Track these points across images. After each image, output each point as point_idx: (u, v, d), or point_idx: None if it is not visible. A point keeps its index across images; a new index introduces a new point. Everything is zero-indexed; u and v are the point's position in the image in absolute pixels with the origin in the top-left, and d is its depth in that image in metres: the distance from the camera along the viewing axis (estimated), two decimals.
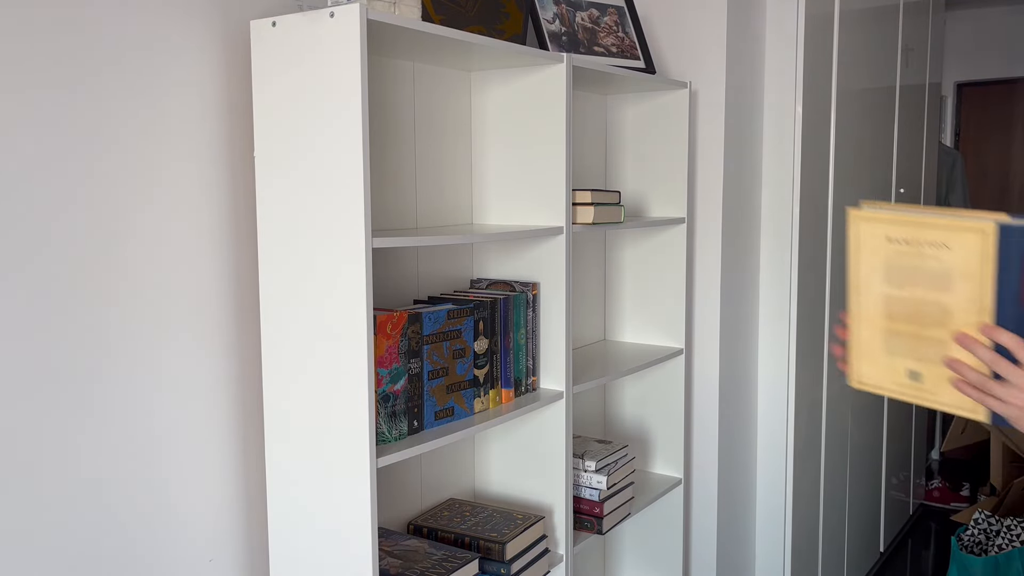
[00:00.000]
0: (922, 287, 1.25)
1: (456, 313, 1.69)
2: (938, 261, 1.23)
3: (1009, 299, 1.16)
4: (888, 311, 1.31)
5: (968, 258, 1.19)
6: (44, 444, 1.35)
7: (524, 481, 2.01)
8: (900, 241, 1.27)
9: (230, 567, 1.63)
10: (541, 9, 2.01)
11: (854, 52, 2.88)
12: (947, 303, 1.23)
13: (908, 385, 1.31)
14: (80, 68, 1.36)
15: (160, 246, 1.48)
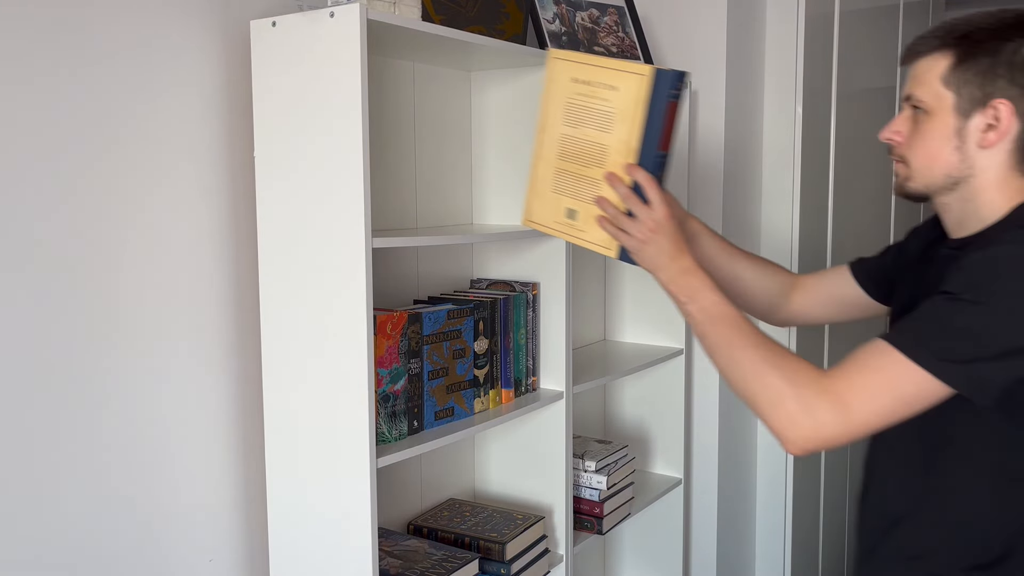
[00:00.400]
0: (591, 127, 1.33)
1: (456, 313, 1.69)
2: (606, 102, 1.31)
3: (652, 141, 1.26)
4: (562, 150, 1.38)
5: (627, 100, 1.28)
6: (44, 444, 1.35)
7: (524, 481, 2.01)
8: (582, 82, 1.34)
9: (230, 567, 1.63)
10: (541, 9, 2.01)
11: (854, 52, 2.88)
12: (606, 143, 1.31)
13: (565, 223, 1.38)
14: (79, 67, 1.36)
15: (160, 246, 1.48)
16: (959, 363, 1.03)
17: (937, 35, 1.19)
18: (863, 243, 3.06)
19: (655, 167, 1.27)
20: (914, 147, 1.21)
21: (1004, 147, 1.16)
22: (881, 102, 3.22)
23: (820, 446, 1.08)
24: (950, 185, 1.20)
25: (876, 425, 1.08)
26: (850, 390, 1.07)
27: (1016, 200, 1.17)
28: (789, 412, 1.08)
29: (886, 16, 3.20)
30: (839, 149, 2.82)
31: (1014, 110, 1.14)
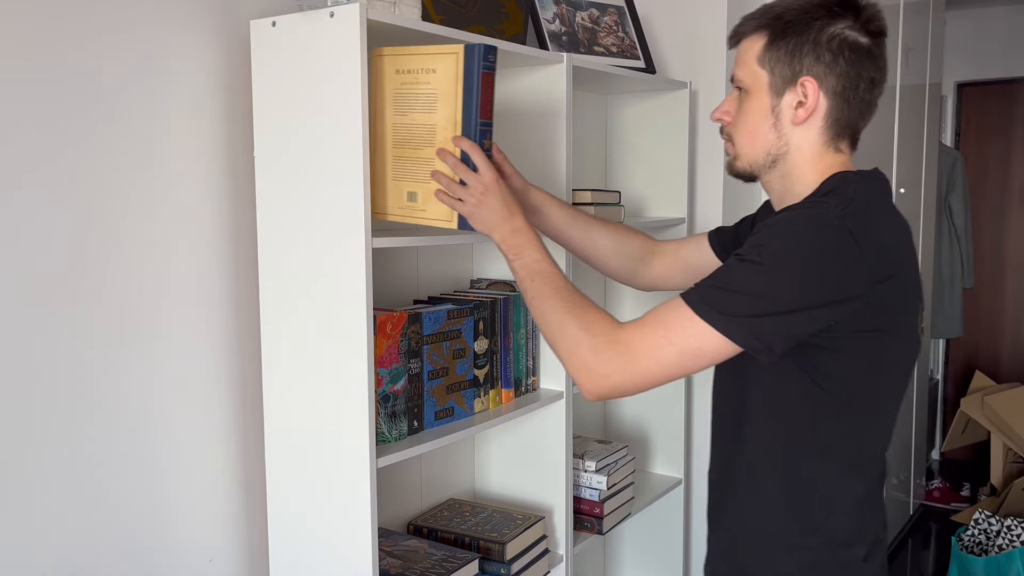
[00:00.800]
0: (418, 112, 1.41)
1: (456, 313, 1.69)
2: (428, 85, 1.41)
3: (473, 112, 1.35)
4: (396, 139, 1.45)
5: (446, 79, 1.38)
6: (43, 444, 1.35)
7: (524, 481, 2.01)
8: (404, 71, 1.43)
9: (230, 567, 1.63)
10: (541, 9, 2.01)
11: None
12: (433, 123, 1.40)
13: (407, 207, 1.45)
14: (79, 67, 1.36)
15: (160, 246, 1.48)
16: (738, 318, 1.08)
17: (755, 16, 1.23)
18: None
19: (480, 136, 1.37)
20: (738, 126, 1.25)
21: (815, 123, 1.20)
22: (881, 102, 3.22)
23: (610, 392, 1.14)
24: (770, 163, 1.24)
25: (662, 375, 1.12)
26: (640, 341, 1.12)
27: (826, 175, 1.21)
28: (584, 360, 1.15)
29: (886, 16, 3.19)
30: None
31: (820, 87, 1.18)
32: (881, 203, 1.20)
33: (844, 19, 1.18)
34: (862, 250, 1.09)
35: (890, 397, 1.23)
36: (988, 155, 4.83)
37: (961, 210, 4.50)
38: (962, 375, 4.90)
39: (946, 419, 4.92)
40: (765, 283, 1.08)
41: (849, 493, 1.21)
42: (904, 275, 1.16)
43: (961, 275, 4.53)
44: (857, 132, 1.25)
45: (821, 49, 1.17)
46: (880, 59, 1.21)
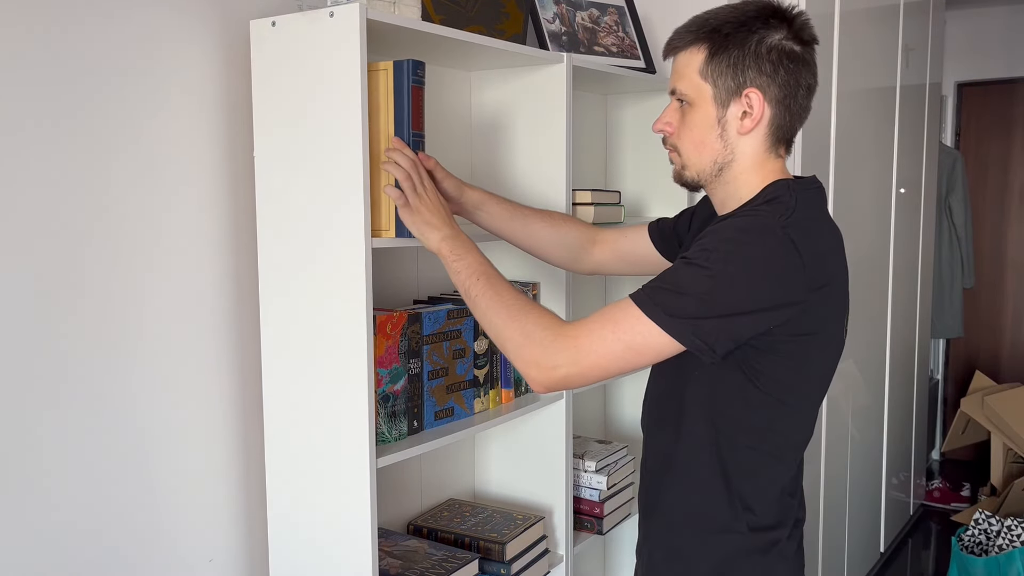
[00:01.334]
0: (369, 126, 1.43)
1: (456, 313, 1.69)
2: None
3: (404, 124, 1.44)
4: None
5: (376, 95, 1.43)
6: (43, 444, 1.35)
7: (524, 481, 2.01)
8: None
9: (230, 567, 1.63)
10: (541, 9, 2.01)
11: (854, 52, 2.88)
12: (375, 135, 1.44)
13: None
14: (79, 67, 1.36)
15: (160, 246, 1.48)
16: (683, 319, 1.13)
17: (691, 30, 1.27)
18: (863, 242, 3.06)
19: (414, 146, 1.43)
20: (683, 137, 1.29)
21: (760, 132, 1.25)
22: (881, 102, 3.22)
23: (558, 384, 1.18)
24: (716, 171, 1.28)
25: (608, 368, 1.17)
26: (588, 335, 1.16)
27: (767, 181, 1.26)
28: (532, 353, 1.19)
29: (886, 16, 3.20)
30: (839, 149, 2.82)
31: (764, 97, 1.23)
32: (818, 213, 1.25)
33: (779, 30, 1.22)
34: (803, 259, 1.14)
35: (816, 393, 1.30)
36: (988, 155, 4.83)
37: (961, 210, 4.50)
38: (962, 375, 4.90)
39: (946, 419, 4.93)
40: (711, 287, 1.13)
41: (776, 481, 1.29)
42: (838, 284, 1.23)
43: (961, 275, 4.53)
44: (793, 136, 1.30)
45: (762, 60, 1.21)
46: (813, 65, 1.26)
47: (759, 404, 1.23)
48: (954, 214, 4.50)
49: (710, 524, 1.29)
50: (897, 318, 3.47)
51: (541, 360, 1.18)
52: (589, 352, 1.16)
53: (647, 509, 1.41)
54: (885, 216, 3.31)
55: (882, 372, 3.39)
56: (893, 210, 3.35)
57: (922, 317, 3.88)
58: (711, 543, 1.29)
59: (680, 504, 1.32)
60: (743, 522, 1.27)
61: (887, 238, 3.33)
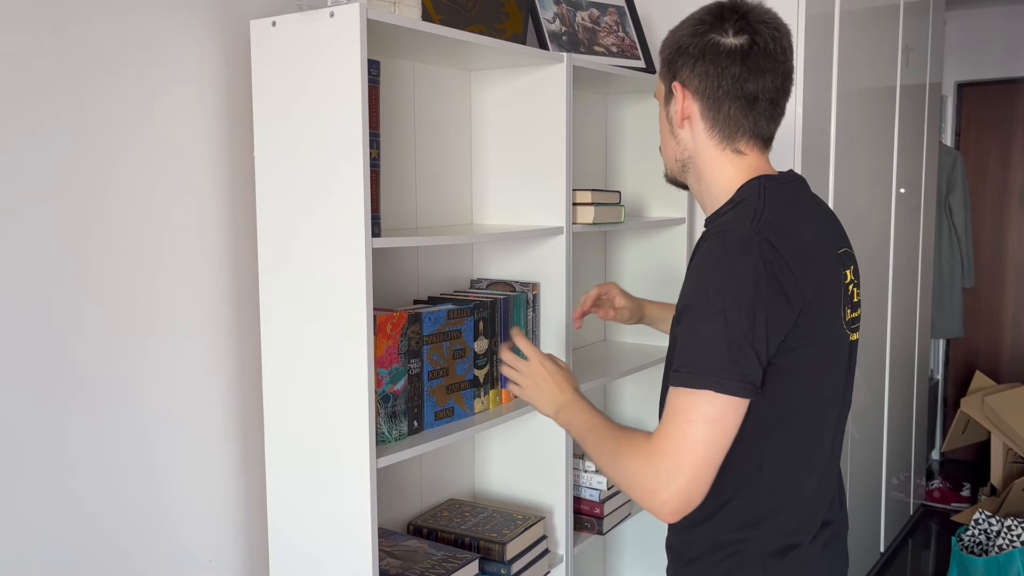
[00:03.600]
0: None
1: (456, 313, 1.69)
2: None
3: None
4: None
5: None
6: (43, 444, 1.35)
7: (524, 481, 2.01)
8: None
9: (230, 567, 1.63)
10: (541, 9, 2.01)
11: (854, 52, 2.88)
12: None
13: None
14: (79, 68, 1.36)
15: (160, 246, 1.48)
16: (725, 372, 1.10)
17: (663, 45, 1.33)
18: (863, 242, 3.06)
19: (368, 145, 1.41)
20: (662, 144, 1.37)
21: (698, 125, 1.27)
22: (881, 102, 3.22)
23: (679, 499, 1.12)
24: (681, 168, 1.33)
25: (706, 455, 1.11)
26: (668, 438, 1.13)
27: (736, 178, 1.26)
28: (643, 488, 1.14)
29: (886, 16, 3.20)
30: (839, 149, 2.82)
31: (685, 88, 1.26)
32: (792, 206, 1.23)
33: (717, 27, 1.24)
34: (785, 259, 1.13)
35: (826, 391, 1.26)
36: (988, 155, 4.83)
37: (961, 210, 4.50)
38: (962, 375, 4.90)
39: (946, 419, 4.92)
40: (718, 324, 1.11)
41: (792, 484, 1.25)
42: (828, 273, 1.21)
43: (961, 275, 4.53)
44: (756, 133, 1.27)
45: (688, 56, 1.25)
46: (751, 57, 1.22)
47: (767, 410, 1.19)
48: (954, 214, 4.49)
49: (723, 526, 1.26)
50: (897, 318, 3.47)
51: (653, 487, 1.13)
52: (679, 452, 1.11)
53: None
54: (885, 216, 3.31)
55: (882, 372, 3.39)
56: (893, 210, 3.35)
57: (922, 317, 3.88)
58: (725, 544, 1.26)
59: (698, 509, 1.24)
60: (757, 525, 1.24)
61: (887, 238, 3.33)
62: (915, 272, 3.72)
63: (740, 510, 1.24)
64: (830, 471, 1.32)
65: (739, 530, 1.25)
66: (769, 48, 1.23)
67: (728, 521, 1.25)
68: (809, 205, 1.28)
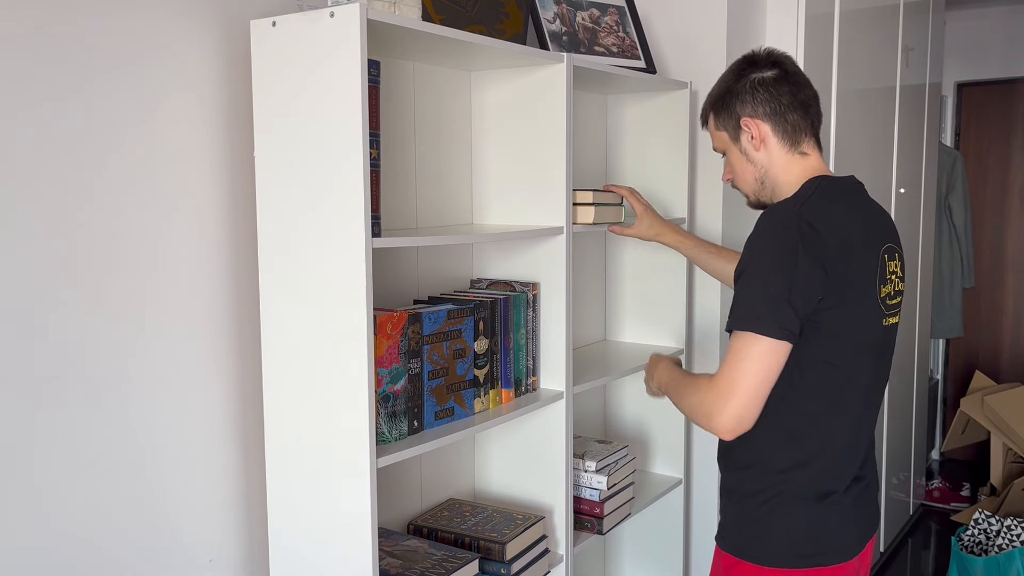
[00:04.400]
0: None
1: (456, 313, 1.69)
2: None
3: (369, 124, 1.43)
4: None
5: None
6: (44, 444, 1.35)
7: (524, 481, 2.01)
8: None
9: (230, 567, 1.63)
10: (541, 9, 2.01)
11: (854, 52, 2.88)
12: None
13: None
14: (80, 68, 1.36)
15: (160, 246, 1.48)
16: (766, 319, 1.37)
17: (705, 101, 1.66)
18: None
19: (369, 145, 1.43)
20: (736, 177, 1.65)
21: (771, 141, 1.56)
22: (881, 102, 3.22)
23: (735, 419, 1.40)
24: (761, 185, 1.61)
25: (755, 386, 1.39)
26: (726, 374, 1.41)
27: (803, 176, 1.55)
28: (705, 412, 1.44)
29: (886, 16, 3.20)
30: (839, 149, 2.82)
31: (754, 118, 1.56)
32: (836, 198, 1.50)
33: (750, 71, 1.57)
34: (818, 232, 1.40)
35: (857, 349, 1.48)
36: (988, 155, 4.83)
37: (961, 210, 4.50)
38: (962, 375, 4.90)
39: (946, 419, 4.92)
40: (762, 282, 1.40)
41: (827, 437, 1.49)
42: (859, 251, 1.45)
43: (961, 275, 4.53)
44: (812, 133, 1.58)
45: (744, 95, 1.57)
46: (789, 77, 1.57)
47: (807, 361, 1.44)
48: (954, 214, 4.49)
49: (769, 469, 1.50)
50: None
51: (711, 411, 1.41)
52: (733, 380, 1.39)
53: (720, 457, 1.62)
54: None
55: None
56: (893, 210, 3.35)
57: (922, 317, 3.89)
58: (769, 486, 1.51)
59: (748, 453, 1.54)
60: (797, 470, 1.49)
61: None
62: (915, 272, 3.72)
63: (783, 456, 1.49)
64: (863, 430, 1.55)
65: (782, 473, 1.49)
66: (798, 70, 1.60)
67: (773, 465, 1.50)
68: (859, 201, 1.54)
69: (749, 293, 1.41)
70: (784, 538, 1.50)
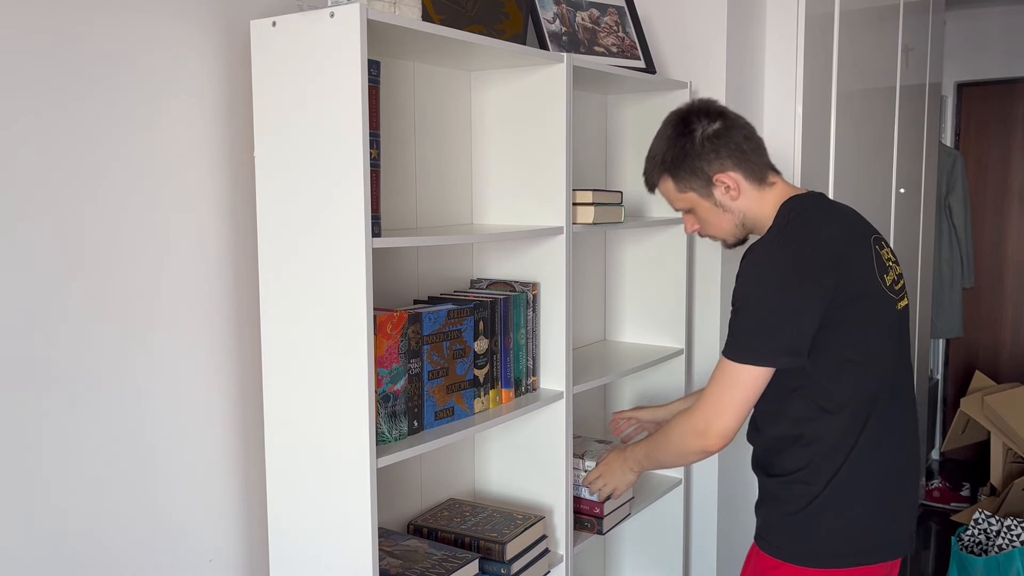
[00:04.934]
0: None
1: (456, 313, 1.69)
2: None
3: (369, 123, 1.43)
4: None
5: None
6: (44, 444, 1.35)
7: (524, 481, 2.01)
8: None
9: (230, 567, 1.63)
10: (541, 9, 2.01)
11: (854, 52, 2.88)
12: None
13: None
14: (80, 68, 1.36)
15: (160, 246, 1.48)
16: (760, 349, 1.48)
17: (649, 171, 1.69)
18: None
19: (369, 144, 1.44)
20: (708, 227, 1.69)
21: (744, 186, 1.61)
22: (881, 102, 3.22)
23: (721, 432, 1.52)
24: (742, 226, 1.65)
25: (741, 408, 1.51)
26: (710, 394, 1.53)
27: (775, 205, 1.60)
28: (692, 434, 1.56)
29: (886, 16, 3.20)
30: (839, 149, 2.82)
31: (725, 170, 1.60)
32: (816, 211, 1.57)
33: (694, 126, 1.61)
34: (808, 249, 1.48)
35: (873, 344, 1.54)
36: (988, 155, 4.83)
37: (961, 210, 4.49)
38: (962, 375, 4.90)
39: (946, 419, 4.92)
40: (758, 314, 1.48)
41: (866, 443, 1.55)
42: (854, 254, 1.52)
43: (961, 275, 4.53)
44: (770, 162, 1.64)
45: (706, 154, 1.59)
46: (733, 121, 1.61)
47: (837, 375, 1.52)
48: (954, 214, 4.49)
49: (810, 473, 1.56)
50: None
51: (701, 429, 1.54)
52: (721, 401, 1.51)
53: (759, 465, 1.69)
54: (885, 216, 3.31)
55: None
56: (893, 210, 3.35)
57: (922, 317, 3.88)
58: (810, 490, 1.56)
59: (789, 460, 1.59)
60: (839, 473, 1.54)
61: (888, 237, 3.33)
62: (915, 272, 3.72)
63: (823, 462, 1.54)
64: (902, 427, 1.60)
65: (823, 477, 1.54)
66: (732, 112, 1.64)
67: (813, 470, 1.55)
68: (832, 208, 1.61)
69: (743, 324, 1.49)
70: (826, 540, 1.55)
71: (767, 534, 1.62)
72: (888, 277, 1.57)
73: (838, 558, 1.55)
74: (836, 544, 1.55)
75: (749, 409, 1.52)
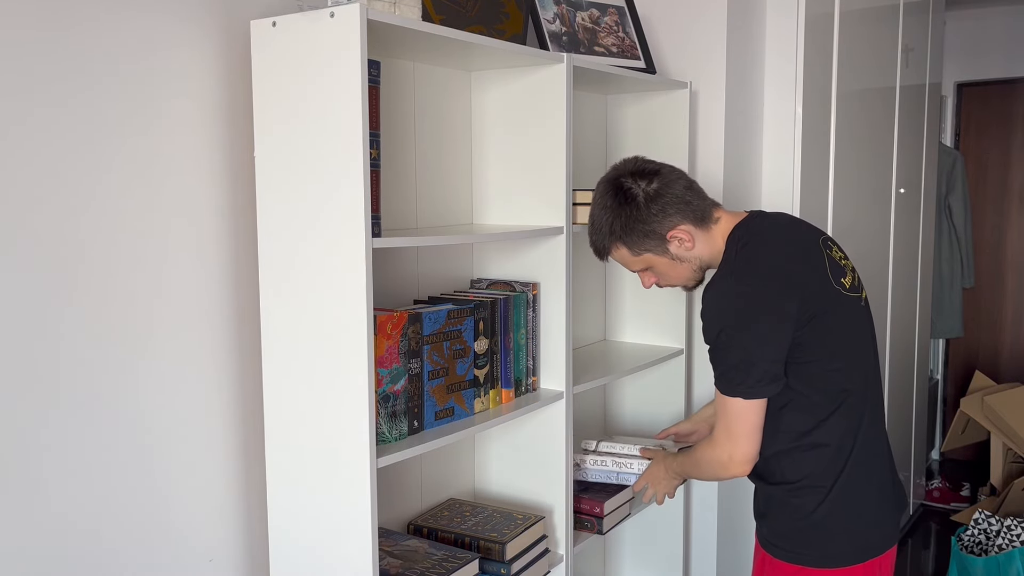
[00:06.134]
0: None
1: (456, 313, 1.69)
2: None
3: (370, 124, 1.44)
4: None
5: None
6: (44, 445, 1.35)
7: (524, 481, 2.01)
8: None
9: (230, 567, 1.63)
10: (541, 9, 2.01)
11: (854, 52, 2.88)
12: None
13: None
14: (80, 68, 1.36)
15: (160, 247, 1.48)
16: (743, 383, 1.54)
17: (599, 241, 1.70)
18: (863, 243, 3.06)
19: (369, 144, 1.44)
20: (668, 280, 1.73)
21: (696, 234, 1.65)
22: (881, 102, 3.22)
23: (742, 457, 1.59)
24: (700, 269, 1.71)
25: (751, 431, 1.58)
26: (723, 431, 1.61)
27: (723, 238, 1.64)
28: (720, 464, 1.63)
29: (886, 16, 3.20)
30: (839, 149, 2.82)
31: (675, 225, 1.63)
32: (760, 231, 1.62)
33: (634, 190, 1.62)
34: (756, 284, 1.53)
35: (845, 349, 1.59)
36: (988, 155, 4.83)
37: (961, 210, 4.49)
38: (962, 375, 4.89)
39: (946, 419, 4.92)
40: (736, 349, 1.54)
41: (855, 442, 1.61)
42: (808, 268, 1.57)
43: (961, 275, 4.53)
44: (710, 201, 1.68)
45: (654, 216, 1.62)
46: (668, 175, 1.65)
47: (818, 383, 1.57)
48: (954, 214, 4.49)
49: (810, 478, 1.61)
50: (897, 318, 3.47)
51: (723, 459, 1.61)
52: (731, 436, 1.59)
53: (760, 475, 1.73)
54: (885, 216, 3.31)
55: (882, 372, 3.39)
56: (893, 210, 3.35)
57: (922, 317, 3.88)
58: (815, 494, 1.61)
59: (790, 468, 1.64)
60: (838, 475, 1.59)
61: (887, 238, 3.33)
62: (915, 272, 3.72)
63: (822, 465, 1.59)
64: (878, 422, 1.68)
65: (824, 479, 1.59)
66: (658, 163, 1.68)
67: (813, 474, 1.60)
68: (775, 223, 1.66)
69: (723, 363, 1.57)
70: (844, 538, 1.60)
71: (780, 541, 1.65)
72: (846, 280, 1.62)
73: (859, 552, 1.61)
74: (854, 540, 1.60)
75: (759, 430, 1.58)
